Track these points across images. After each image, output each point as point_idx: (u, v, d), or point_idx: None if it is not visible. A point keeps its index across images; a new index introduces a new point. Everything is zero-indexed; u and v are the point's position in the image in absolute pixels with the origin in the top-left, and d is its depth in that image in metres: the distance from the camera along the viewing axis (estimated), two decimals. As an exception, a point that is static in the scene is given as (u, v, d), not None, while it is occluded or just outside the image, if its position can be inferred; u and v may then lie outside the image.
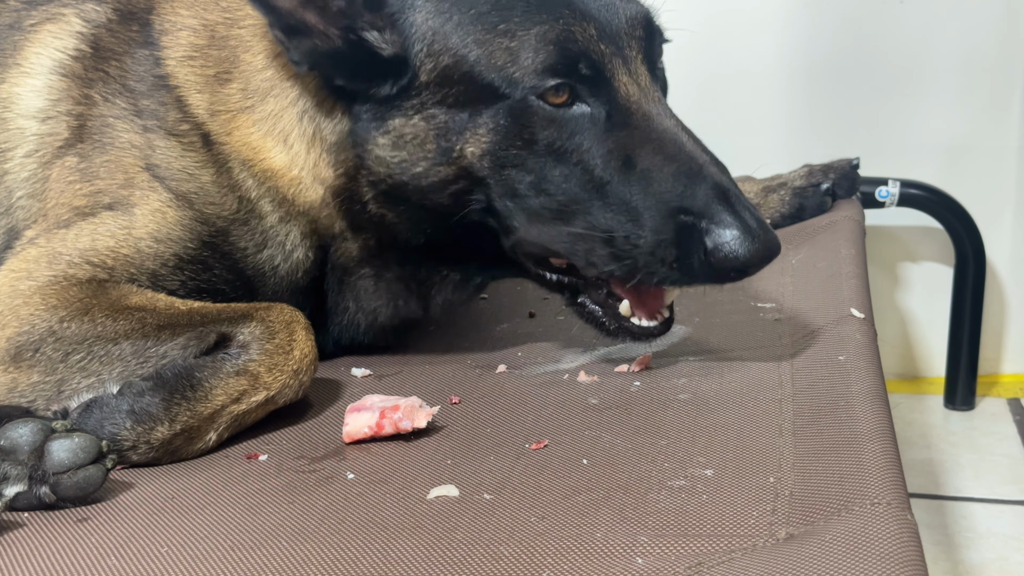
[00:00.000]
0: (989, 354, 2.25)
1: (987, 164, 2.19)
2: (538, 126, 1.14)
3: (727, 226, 1.10)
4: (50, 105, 1.31)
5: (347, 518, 0.91)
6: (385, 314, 1.31)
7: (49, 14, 1.37)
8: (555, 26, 1.14)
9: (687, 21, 2.19)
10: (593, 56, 1.14)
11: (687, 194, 1.11)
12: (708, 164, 1.14)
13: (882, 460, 0.90)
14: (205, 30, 1.29)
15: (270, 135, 1.24)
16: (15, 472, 0.95)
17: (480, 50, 1.14)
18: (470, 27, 1.15)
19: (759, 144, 2.22)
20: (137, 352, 1.10)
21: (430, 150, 1.17)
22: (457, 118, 1.16)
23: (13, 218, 1.30)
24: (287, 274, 1.27)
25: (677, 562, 0.80)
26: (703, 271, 1.12)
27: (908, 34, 2.15)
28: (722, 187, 1.12)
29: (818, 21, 2.18)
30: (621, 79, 1.16)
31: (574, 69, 1.14)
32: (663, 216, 1.12)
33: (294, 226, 1.26)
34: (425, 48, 1.16)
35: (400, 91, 1.18)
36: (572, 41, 1.14)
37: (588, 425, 1.08)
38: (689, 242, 1.11)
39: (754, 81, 2.22)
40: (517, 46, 1.14)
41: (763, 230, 1.11)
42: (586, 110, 1.15)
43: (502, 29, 1.14)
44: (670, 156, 1.13)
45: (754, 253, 1.10)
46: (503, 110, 1.15)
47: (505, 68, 1.14)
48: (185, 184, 1.24)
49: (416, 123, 1.17)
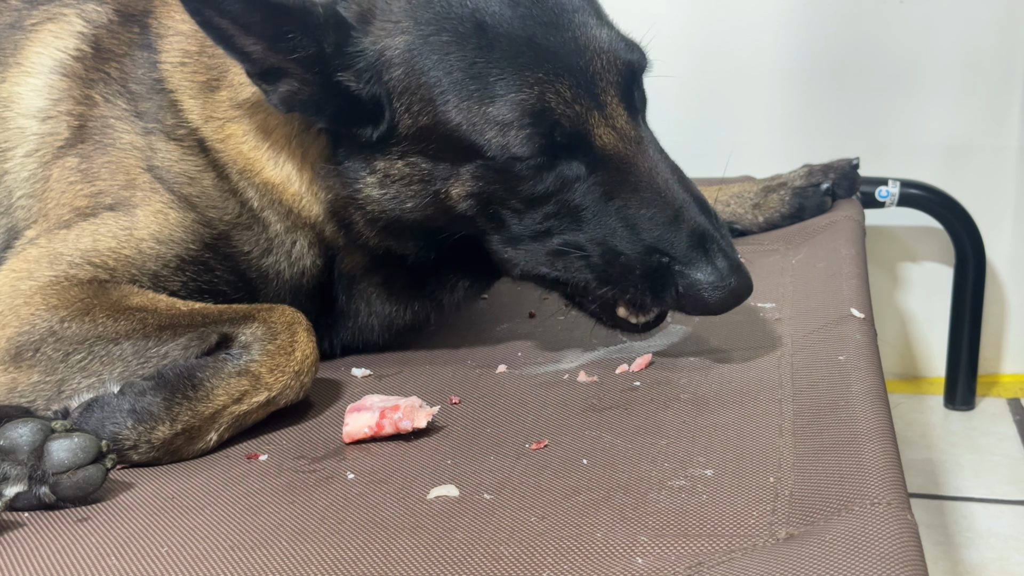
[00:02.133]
0: (989, 354, 2.25)
1: (987, 164, 2.19)
2: (519, 180, 1.16)
3: (699, 273, 1.14)
4: (51, 105, 1.31)
5: (347, 518, 0.91)
6: (402, 318, 1.32)
7: (50, 14, 1.37)
8: (530, 93, 1.13)
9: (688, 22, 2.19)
10: (567, 122, 1.14)
11: (663, 237, 1.15)
12: (687, 205, 1.16)
13: (882, 460, 0.90)
14: (196, 36, 1.29)
15: (260, 149, 1.24)
16: (15, 472, 0.95)
17: (459, 115, 1.14)
18: (448, 93, 1.14)
19: (759, 144, 2.22)
20: (138, 352, 1.10)
21: (416, 190, 1.19)
22: (440, 167, 1.17)
23: (13, 218, 1.30)
24: (291, 278, 1.27)
25: (677, 562, 0.80)
26: (675, 305, 1.17)
27: (908, 34, 2.15)
28: (699, 231, 1.15)
29: (818, 21, 2.18)
30: (597, 132, 1.16)
31: (551, 138, 1.14)
32: (640, 250, 1.15)
33: (301, 235, 1.26)
34: (403, 106, 1.16)
35: (380, 138, 1.18)
36: (547, 109, 1.13)
37: (588, 425, 1.08)
38: (663, 279, 1.15)
39: (754, 81, 2.21)
40: (495, 113, 1.13)
41: (734, 275, 1.14)
42: (566, 165, 1.16)
43: (478, 96, 1.14)
44: (647, 201, 1.16)
45: (722, 301, 1.15)
46: (484, 166, 1.15)
47: (483, 134, 1.14)
48: (187, 187, 1.24)
49: (400, 167, 1.18)
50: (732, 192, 1.80)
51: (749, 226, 1.77)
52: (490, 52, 1.14)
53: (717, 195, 1.79)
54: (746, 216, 1.77)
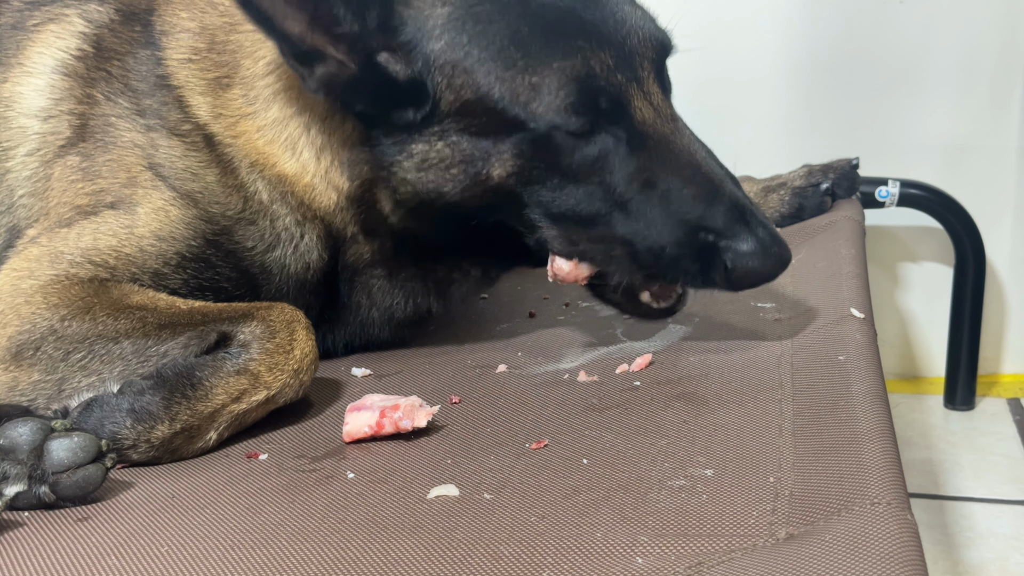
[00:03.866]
0: (989, 354, 2.25)
1: (987, 164, 2.19)
2: (561, 153, 1.16)
3: (745, 244, 1.15)
4: (52, 104, 1.31)
5: (347, 518, 0.91)
6: (402, 311, 1.32)
7: (52, 14, 1.37)
8: (575, 61, 1.14)
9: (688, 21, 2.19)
10: (611, 89, 1.15)
11: (707, 214, 1.15)
12: (724, 181, 1.17)
13: (882, 460, 0.90)
14: (204, 33, 1.29)
15: (276, 142, 1.24)
16: (15, 471, 0.95)
17: (502, 86, 1.14)
18: (490, 63, 1.14)
19: (759, 144, 2.22)
20: (138, 351, 1.10)
21: (456, 173, 1.18)
22: (481, 145, 1.16)
23: (15, 216, 1.30)
24: (296, 273, 1.27)
25: (677, 562, 0.80)
26: (722, 282, 1.17)
27: (908, 34, 2.15)
28: (739, 205, 1.16)
29: (818, 21, 2.18)
30: (637, 104, 1.17)
31: (595, 105, 1.15)
32: (685, 233, 1.15)
33: (310, 228, 1.26)
34: (445, 80, 1.16)
35: (422, 118, 1.17)
36: (592, 77, 1.14)
37: (588, 425, 1.08)
38: (710, 258, 1.15)
39: (754, 81, 2.22)
40: (539, 81, 1.14)
41: (777, 245, 1.16)
42: (606, 137, 1.16)
43: (522, 64, 1.14)
44: (688, 178, 1.16)
45: (769, 268, 1.17)
46: (526, 139, 1.15)
47: (528, 104, 1.14)
48: (189, 183, 1.24)
49: (440, 149, 1.18)
50: (732, 192, 1.80)
51: (749, 226, 1.77)
52: (533, 21, 1.14)
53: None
54: (746, 216, 1.77)
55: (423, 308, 1.33)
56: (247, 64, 1.26)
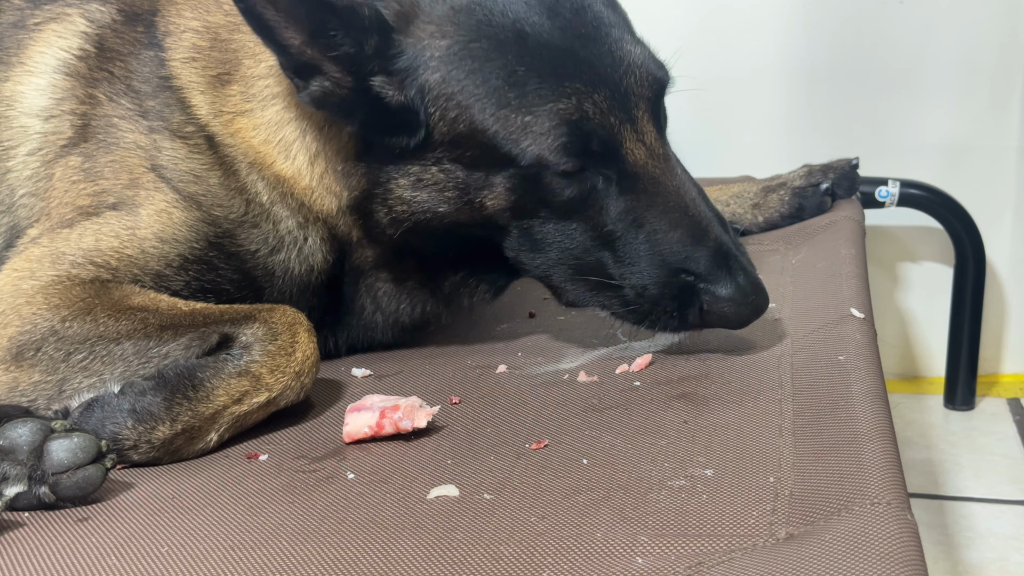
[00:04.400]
0: (989, 354, 2.25)
1: (987, 164, 2.19)
2: (551, 191, 1.17)
3: (724, 290, 1.17)
4: (54, 104, 1.31)
5: (347, 518, 0.91)
6: (409, 316, 1.33)
7: (53, 14, 1.37)
8: (568, 103, 1.14)
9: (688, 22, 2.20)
10: (603, 132, 1.16)
11: (691, 257, 1.18)
12: (711, 224, 1.19)
13: (882, 460, 0.90)
14: (208, 32, 1.29)
15: (270, 143, 1.24)
16: (15, 472, 0.95)
17: (495, 124, 1.15)
18: (485, 100, 1.15)
19: (759, 144, 2.22)
20: (139, 352, 1.10)
21: (451, 196, 1.19)
22: (474, 176, 1.18)
23: (15, 216, 1.30)
24: (300, 275, 1.27)
25: (677, 562, 0.80)
26: (695, 322, 1.20)
27: (908, 34, 2.15)
28: (722, 250, 1.18)
29: (818, 21, 2.18)
30: (629, 146, 1.18)
31: (586, 147, 1.16)
32: (667, 274, 1.18)
33: (313, 231, 1.26)
34: (439, 112, 1.16)
35: (415, 146, 1.18)
36: (584, 119, 1.15)
37: (588, 425, 1.08)
38: (688, 297, 1.18)
39: (754, 81, 2.21)
40: (531, 121, 1.14)
41: (755, 293, 1.19)
42: (596, 177, 1.18)
43: (516, 104, 1.15)
44: (675, 221, 1.19)
45: (744, 316, 1.20)
46: (518, 175, 1.17)
47: (520, 142, 1.15)
48: (192, 186, 1.24)
49: (435, 173, 1.19)
50: (732, 192, 1.80)
51: (749, 226, 1.77)
52: (530, 61, 1.15)
53: (717, 195, 1.79)
54: (746, 216, 1.77)
55: (431, 314, 1.34)
56: (248, 64, 1.26)
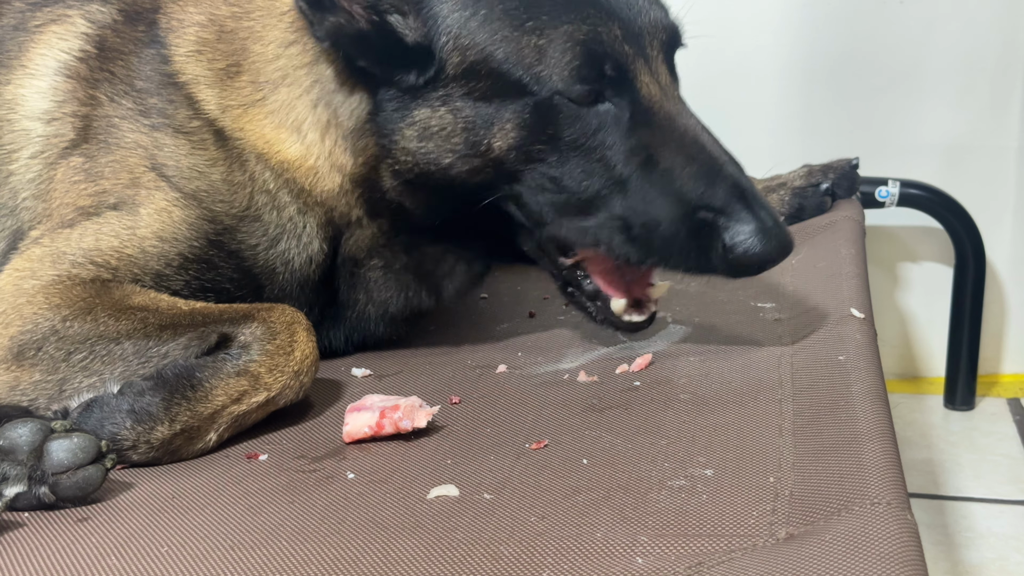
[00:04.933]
0: (989, 354, 2.25)
1: (987, 164, 2.19)
2: (563, 123, 1.16)
3: (745, 224, 1.13)
4: (55, 106, 1.31)
5: (347, 518, 0.91)
6: (396, 305, 1.32)
7: (54, 15, 1.37)
8: (582, 26, 1.14)
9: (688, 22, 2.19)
10: (618, 57, 1.15)
11: (707, 192, 1.14)
12: (727, 163, 1.17)
13: (882, 460, 0.90)
14: (213, 24, 1.29)
15: (283, 126, 1.24)
16: (15, 472, 0.95)
17: (508, 47, 1.15)
18: (498, 23, 1.15)
19: (759, 144, 2.21)
20: (139, 352, 1.10)
21: (457, 143, 1.18)
22: (484, 112, 1.17)
23: (18, 219, 1.30)
24: (300, 268, 1.27)
25: (677, 562, 0.80)
26: (720, 265, 1.15)
27: (908, 34, 2.15)
28: (740, 186, 1.15)
29: (818, 21, 2.18)
30: (643, 79, 1.17)
31: (600, 71, 1.15)
32: (683, 211, 1.14)
33: (311, 217, 1.26)
34: (451, 41, 1.16)
35: (426, 82, 1.18)
36: (598, 42, 1.14)
37: (588, 425, 1.08)
38: (708, 237, 1.14)
39: (754, 81, 2.22)
40: (545, 44, 1.14)
41: (778, 228, 1.14)
42: (610, 108, 1.16)
43: (530, 27, 1.15)
44: (690, 155, 1.16)
45: (771, 250, 1.14)
46: (529, 106, 1.15)
47: (533, 67, 1.15)
48: (194, 182, 1.24)
49: (443, 115, 1.18)
50: (732, 192, 1.80)
51: (749, 226, 1.77)
52: None
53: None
54: (746, 216, 1.77)
55: (415, 303, 1.33)
56: (256, 49, 1.26)
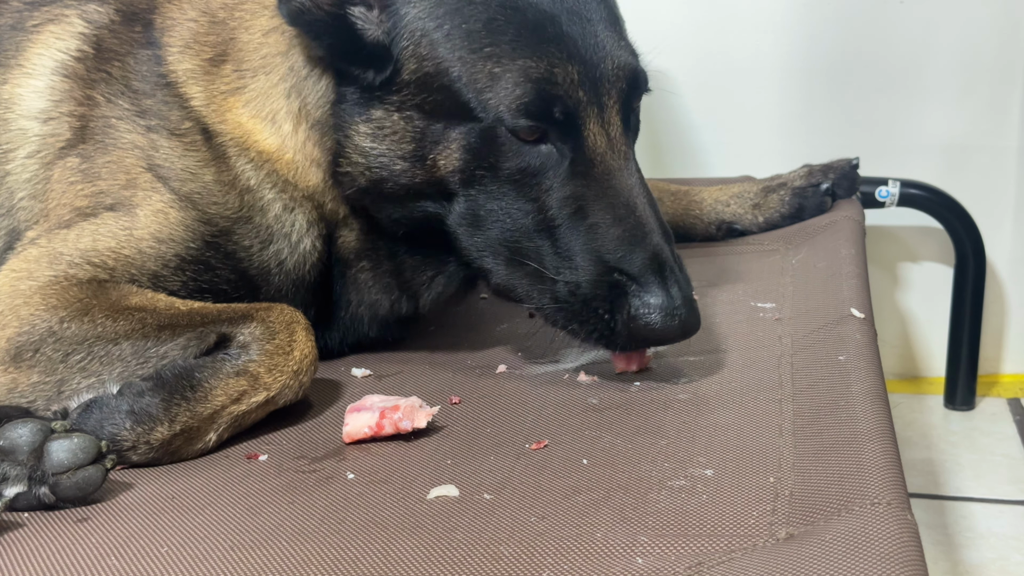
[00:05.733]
0: (989, 354, 2.25)
1: (987, 164, 2.19)
2: (505, 154, 1.16)
3: (653, 297, 1.13)
4: (52, 106, 1.31)
5: (347, 518, 0.91)
6: (384, 307, 1.32)
7: (51, 15, 1.37)
8: (539, 64, 1.14)
9: (688, 22, 2.20)
10: (568, 102, 1.15)
11: (625, 257, 1.14)
12: (654, 232, 1.16)
13: (882, 460, 0.90)
14: (204, 17, 1.30)
15: (259, 116, 1.25)
16: (15, 473, 0.95)
17: (463, 68, 1.15)
18: (459, 41, 1.15)
19: (759, 144, 2.22)
20: (137, 352, 1.10)
21: (407, 151, 1.18)
22: (433, 127, 1.17)
23: (15, 219, 1.30)
24: (294, 268, 1.27)
25: (677, 562, 0.80)
26: (622, 330, 1.14)
27: (908, 34, 2.15)
28: (660, 258, 1.15)
29: (818, 21, 2.18)
30: (591, 128, 1.17)
31: (548, 112, 1.15)
32: (600, 272, 1.14)
33: (299, 213, 1.26)
34: (411, 47, 1.17)
35: (382, 83, 1.18)
36: (552, 83, 1.14)
37: (588, 425, 1.08)
38: (618, 300, 1.14)
39: (754, 81, 2.21)
40: (500, 73, 1.14)
41: (686, 309, 1.14)
42: (552, 151, 1.17)
43: (488, 52, 1.15)
44: (619, 216, 1.16)
45: (669, 330, 1.14)
46: (475, 131, 1.16)
47: (483, 93, 1.14)
48: (188, 184, 1.24)
49: (395, 120, 1.18)
50: (732, 192, 1.80)
51: (749, 226, 1.77)
52: (512, 15, 1.15)
53: (717, 195, 1.79)
54: (746, 216, 1.77)
55: (397, 308, 1.32)
56: (244, 37, 1.27)
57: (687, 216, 1.77)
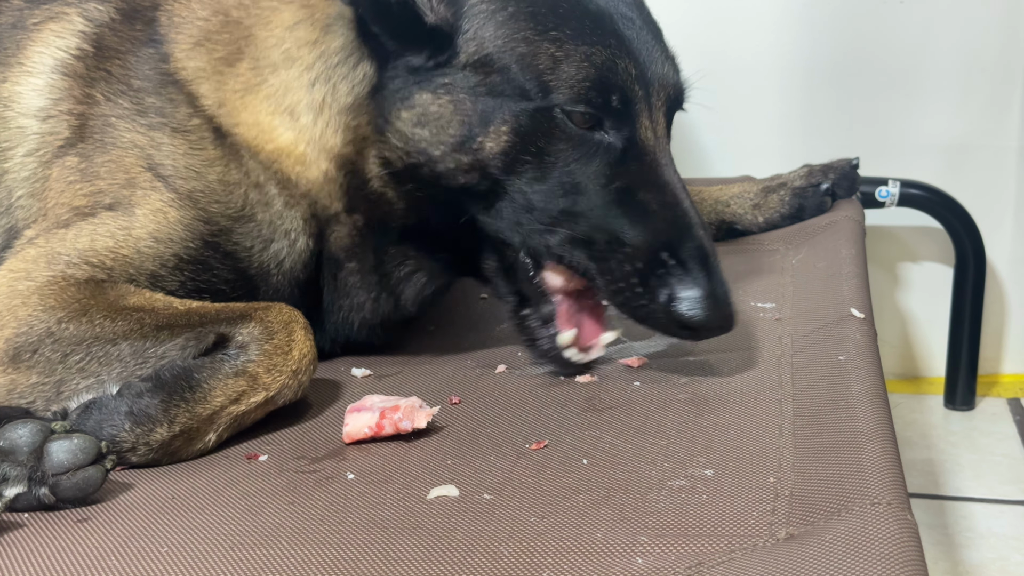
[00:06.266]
0: (989, 354, 2.25)
1: (987, 164, 2.19)
2: (556, 138, 1.15)
3: (698, 286, 1.13)
4: (51, 104, 1.30)
5: (347, 518, 0.91)
6: (369, 309, 1.31)
7: (52, 13, 1.37)
8: (602, 52, 1.15)
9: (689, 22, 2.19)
10: (627, 93, 1.16)
11: (674, 239, 1.14)
12: (699, 226, 1.17)
13: (882, 460, 0.90)
14: (216, 16, 1.29)
15: (278, 111, 1.23)
16: (15, 473, 0.95)
17: (526, 48, 1.15)
18: (523, 23, 1.15)
19: (760, 144, 2.22)
20: (136, 353, 1.10)
21: (451, 135, 1.17)
22: (483, 107, 1.16)
23: (13, 218, 1.30)
24: (291, 268, 1.27)
25: (677, 562, 0.80)
26: (659, 315, 1.14)
27: (908, 34, 2.15)
28: (705, 251, 1.15)
29: (818, 21, 2.18)
30: (644, 122, 1.18)
31: (607, 99, 1.15)
32: (647, 242, 1.14)
33: (296, 211, 1.25)
34: (473, 29, 1.16)
35: (435, 66, 1.17)
36: (613, 72, 1.15)
37: (588, 425, 1.08)
38: (660, 279, 1.13)
39: (755, 81, 2.21)
40: (562, 56, 1.14)
41: (728, 305, 1.14)
42: (605, 138, 1.17)
43: (552, 36, 1.15)
44: (668, 204, 1.16)
45: (712, 320, 1.13)
46: (528, 112, 1.15)
47: (543, 74, 1.14)
48: (190, 182, 1.24)
49: (443, 104, 1.17)
50: (732, 192, 1.80)
51: (749, 226, 1.77)
52: (575, 4, 1.16)
53: (717, 195, 1.79)
54: (746, 216, 1.77)
55: (382, 309, 1.31)
56: (262, 34, 1.25)
57: (687, 216, 1.77)
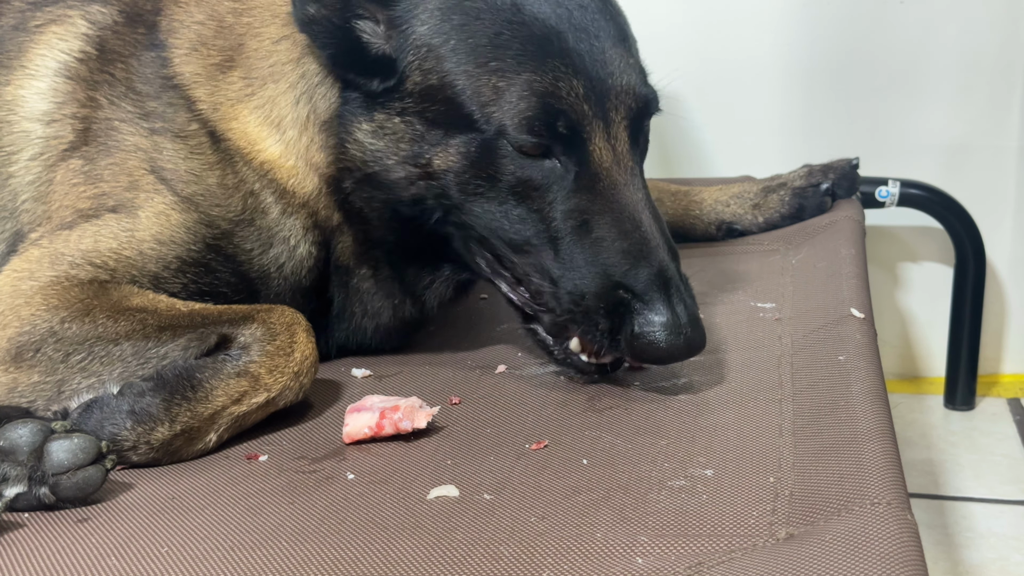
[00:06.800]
0: (989, 354, 2.25)
1: (987, 164, 2.19)
2: (506, 167, 1.15)
3: (658, 315, 1.11)
4: (55, 108, 1.30)
5: (347, 518, 0.91)
6: (387, 315, 1.32)
7: (54, 16, 1.37)
8: (544, 78, 1.13)
9: (689, 22, 2.20)
10: (573, 116, 1.14)
11: (630, 272, 1.12)
12: (659, 248, 1.14)
13: (882, 460, 0.90)
14: (212, 21, 1.30)
15: (266, 123, 1.25)
16: (15, 473, 0.95)
17: (468, 81, 1.15)
18: (464, 56, 1.15)
19: (760, 144, 2.22)
20: (138, 353, 1.10)
21: (403, 150, 1.19)
22: (433, 132, 1.17)
23: (18, 222, 1.30)
24: (291, 273, 1.27)
25: (677, 562, 0.80)
26: (626, 347, 1.13)
27: (908, 34, 2.15)
28: (665, 274, 1.13)
29: (818, 21, 2.18)
30: (597, 143, 1.16)
31: (552, 127, 1.14)
32: (605, 286, 1.13)
33: (296, 219, 1.26)
34: (417, 61, 1.17)
35: (386, 91, 1.19)
36: (556, 97, 1.13)
37: (588, 425, 1.08)
38: (622, 316, 1.12)
39: (755, 81, 2.21)
40: (504, 87, 1.14)
41: (690, 327, 1.12)
42: (556, 165, 1.16)
43: (493, 67, 1.15)
44: (625, 232, 1.14)
45: (674, 348, 1.11)
46: (476, 141, 1.16)
47: (487, 106, 1.14)
48: (191, 186, 1.24)
49: (396, 123, 1.19)
50: (732, 192, 1.80)
51: (749, 226, 1.77)
52: (518, 30, 1.15)
53: (717, 195, 1.79)
54: (746, 216, 1.77)
55: (400, 313, 1.32)
56: (252, 45, 1.27)
57: (687, 216, 1.77)
